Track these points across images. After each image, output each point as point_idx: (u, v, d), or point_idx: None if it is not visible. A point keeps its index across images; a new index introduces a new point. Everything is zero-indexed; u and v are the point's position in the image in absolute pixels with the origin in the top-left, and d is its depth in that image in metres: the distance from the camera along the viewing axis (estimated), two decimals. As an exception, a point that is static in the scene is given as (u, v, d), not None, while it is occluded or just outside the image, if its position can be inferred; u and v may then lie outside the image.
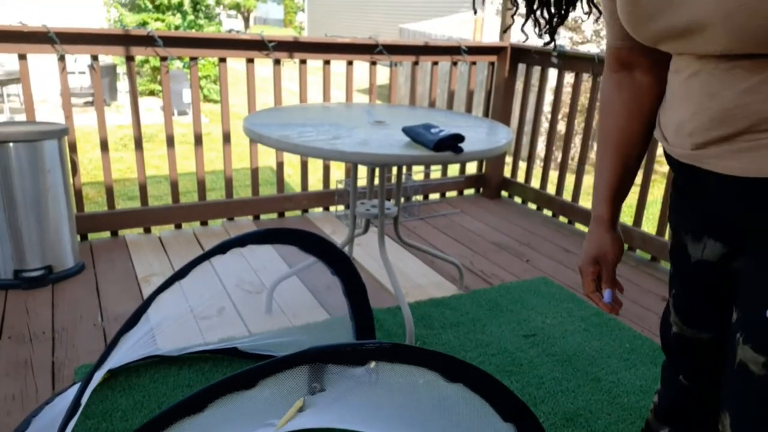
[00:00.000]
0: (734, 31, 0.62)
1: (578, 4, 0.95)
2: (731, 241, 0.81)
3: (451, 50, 3.35)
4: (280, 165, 3.13)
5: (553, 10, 0.94)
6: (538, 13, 0.94)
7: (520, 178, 3.65)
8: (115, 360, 1.54)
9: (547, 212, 3.46)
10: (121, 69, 8.75)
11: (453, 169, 3.69)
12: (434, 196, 3.65)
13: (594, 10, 0.94)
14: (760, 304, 0.69)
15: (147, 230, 2.92)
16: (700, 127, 0.72)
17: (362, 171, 4.39)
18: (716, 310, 0.89)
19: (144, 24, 8.90)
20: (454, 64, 3.40)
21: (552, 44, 0.98)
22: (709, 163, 0.73)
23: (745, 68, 0.65)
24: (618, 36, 0.89)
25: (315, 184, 3.87)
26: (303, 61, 3.01)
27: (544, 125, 6.68)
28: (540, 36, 0.96)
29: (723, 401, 0.75)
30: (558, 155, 6.00)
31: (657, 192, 4.55)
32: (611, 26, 0.89)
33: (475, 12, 1.00)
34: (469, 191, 3.80)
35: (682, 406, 1.00)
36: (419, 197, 3.57)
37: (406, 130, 1.86)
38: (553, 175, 3.54)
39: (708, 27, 0.65)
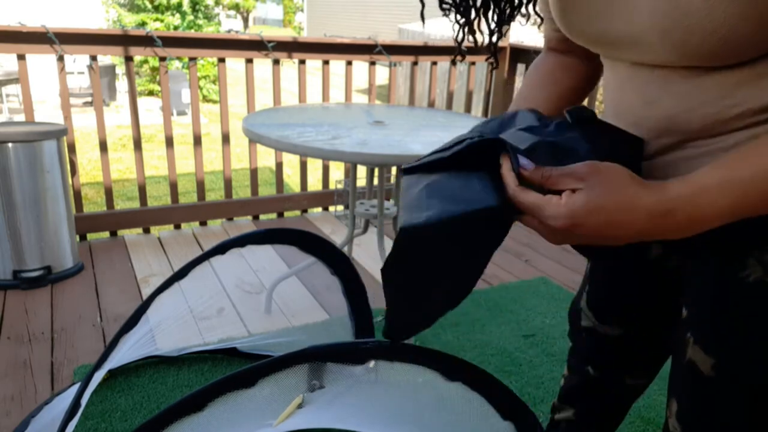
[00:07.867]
0: (672, 47, 0.59)
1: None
2: (669, 243, 0.73)
3: (450, 50, 3.35)
4: (279, 165, 3.13)
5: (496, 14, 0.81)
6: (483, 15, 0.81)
7: (520, 178, 3.65)
8: (115, 360, 1.54)
9: (547, 212, 3.46)
10: (120, 69, 8.75)
11: (452, 169, 3.69)
12: (433, 196, 3.65)
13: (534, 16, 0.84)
14: (710, 307, 0.69)
15: (146, 230, 2.92)
16: (645, 138, 0.68)
17: (361, 171, 4.38)
18: (634, 308, 0.90)
19: (143, 24, 8.90)
20: (453, 64, 3.40)
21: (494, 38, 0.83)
22: (661, 174, 0.67)
23: (681, 73, 0.62)
24: (554, 27, 0.83)
25: (314, 184, 3.87)
26: (302, 62, 3.01)
27: (543, 125, 6.68)
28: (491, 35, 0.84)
29: (672, 387, 0.77)
30: (557, 155, 6.00)
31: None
32: (547, 18, 0.83)
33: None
34: (468, 191, 3.80)
35: (588, 391, 1.03)
36: (418, 197, 3.57)
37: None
38: (552, 175, 3.54)
39: (644, 42, 0.62)
